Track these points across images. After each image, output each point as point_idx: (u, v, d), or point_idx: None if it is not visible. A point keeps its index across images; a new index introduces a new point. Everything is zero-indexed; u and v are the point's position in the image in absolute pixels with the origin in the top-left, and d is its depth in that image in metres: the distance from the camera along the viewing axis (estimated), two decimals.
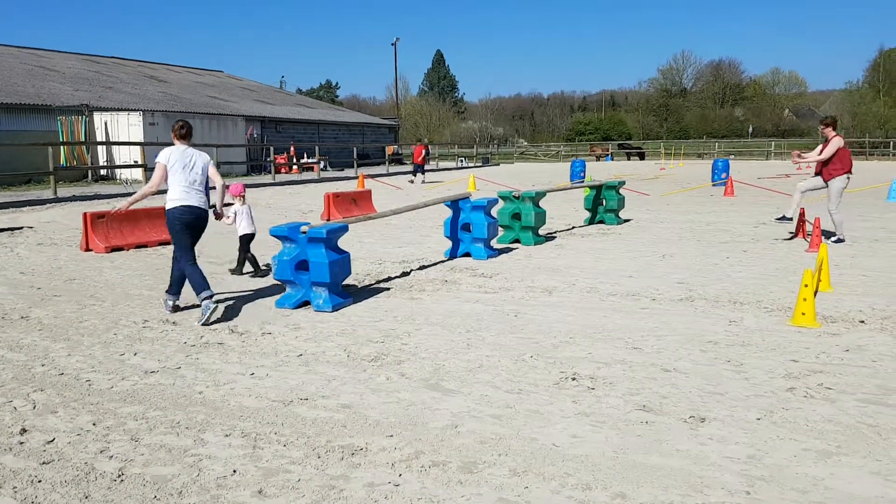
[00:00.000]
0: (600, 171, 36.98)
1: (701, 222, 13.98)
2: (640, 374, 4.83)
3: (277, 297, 7.11)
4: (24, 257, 10.02)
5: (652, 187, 24.95)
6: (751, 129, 79.80)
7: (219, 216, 7.24)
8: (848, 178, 10.66)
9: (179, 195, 6.54)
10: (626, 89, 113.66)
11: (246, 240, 8.66)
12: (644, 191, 22.67)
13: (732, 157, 58.87)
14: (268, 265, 8.80)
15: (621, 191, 14.00)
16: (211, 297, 6.35)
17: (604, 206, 13.84)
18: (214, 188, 7.00)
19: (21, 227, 13.32)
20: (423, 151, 28.95)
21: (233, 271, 8.80)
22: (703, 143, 74.20)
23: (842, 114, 77.39)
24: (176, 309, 6.80)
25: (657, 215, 15.46)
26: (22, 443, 3.79)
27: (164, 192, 6.59)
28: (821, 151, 10.71)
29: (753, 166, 43.52)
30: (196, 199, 6.60)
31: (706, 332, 5.88)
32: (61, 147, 26.19)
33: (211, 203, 6.90)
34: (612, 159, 61.43)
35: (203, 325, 6.27)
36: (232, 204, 8.65)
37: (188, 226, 6.57)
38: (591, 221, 13.84)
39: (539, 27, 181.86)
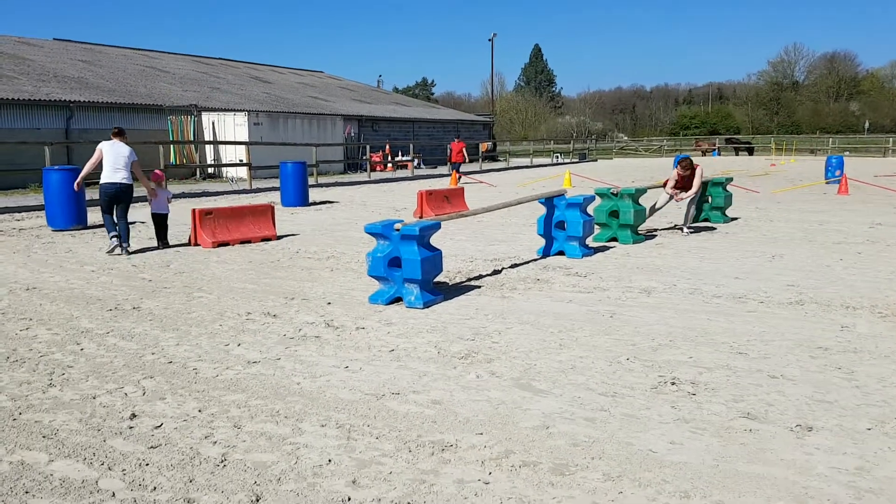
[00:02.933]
0: (707, 166, 35.67)
1: (813, 222, 13.28)
2: (745, 380, 4.62)
3: (371, 292, 7.22)
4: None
5: (761, 184, 23.94)
6: (867, 125, 75.26)
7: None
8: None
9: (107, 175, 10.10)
10: (735, 82, 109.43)
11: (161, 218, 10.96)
12: (753, 188, 21.75)
13: (847, 153, 55.66)
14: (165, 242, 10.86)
15: (728, 187, 13.46)
16: (114, 236, 10.02)
17: (709, 203, 13.33)
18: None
19: (133, 222, 14.09)
20: (462, 149, 27.85)
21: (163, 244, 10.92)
22: (816, 139, 70.65)
23: None
24: (115, 249, 10.08)
25: (766, 213, 14.79)
26: (131, 427, 4.00)
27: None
28: (680, 182, 11.55)
29: (869, 163, 40.99)
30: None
31: (816, 337, 5.57)
32: (171, 146, 27.56)
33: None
34: (719, 154, 59.25)
35: (107, 252, 10.06)
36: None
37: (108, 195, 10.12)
38: (695, 219, 13.36)
39: (641, 18, 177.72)
